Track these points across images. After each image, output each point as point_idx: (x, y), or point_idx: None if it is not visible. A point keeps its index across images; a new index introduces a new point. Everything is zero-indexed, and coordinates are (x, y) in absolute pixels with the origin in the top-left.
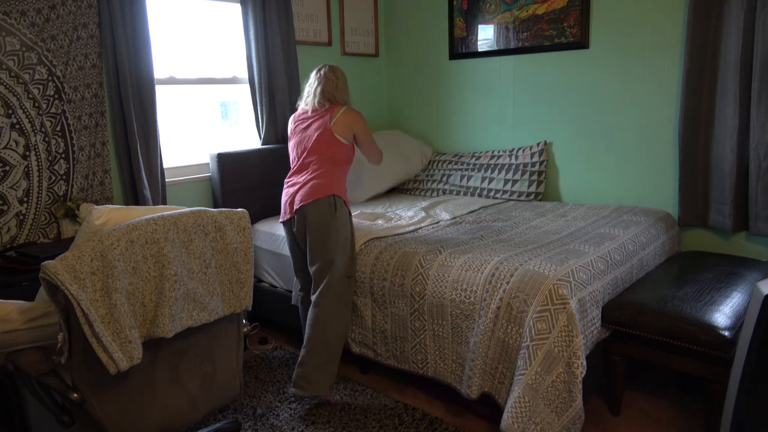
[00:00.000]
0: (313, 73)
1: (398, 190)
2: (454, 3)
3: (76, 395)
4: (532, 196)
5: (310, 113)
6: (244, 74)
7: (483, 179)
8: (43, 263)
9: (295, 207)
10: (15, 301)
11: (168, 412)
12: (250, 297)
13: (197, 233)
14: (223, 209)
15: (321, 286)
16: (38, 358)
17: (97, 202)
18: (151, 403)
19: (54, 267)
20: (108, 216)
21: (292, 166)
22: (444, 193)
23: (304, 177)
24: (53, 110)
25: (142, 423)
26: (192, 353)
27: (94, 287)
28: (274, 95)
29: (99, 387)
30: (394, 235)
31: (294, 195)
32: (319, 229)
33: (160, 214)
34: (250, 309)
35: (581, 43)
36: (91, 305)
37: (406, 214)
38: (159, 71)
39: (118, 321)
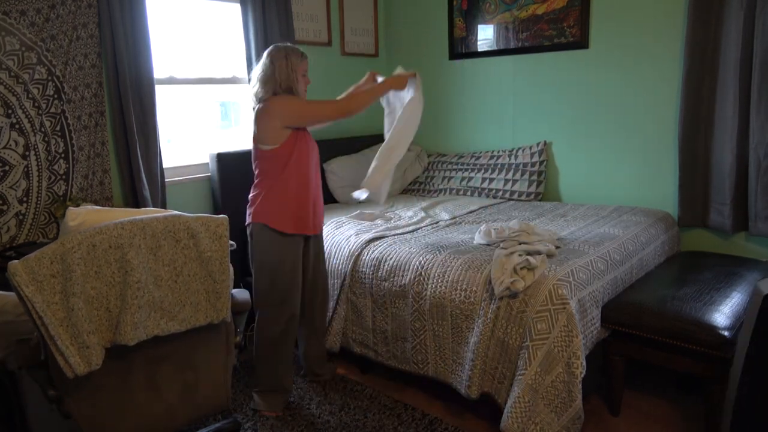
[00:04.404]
0: None
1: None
2: (454, 3)
3: (53, 392)
4: (532, 196)
5: None
6: (244, 74)
7: (483, 179)
8: (9, 262)
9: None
10: (12, 293)
11: (144, 418)
12: (227, 308)
13: (167, 239)
14: (201, 215)
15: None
16: (28, 351)
17: (96, 202)
18: (126, 408)
19: (14, 267)
20: (84, 217)
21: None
22: (444, 193)
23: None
24: (53, 110)
25: (117, 426)
26: (171, 361)
27: (53, 290)
28: None
29: (74, 387)
30: (394, 235)
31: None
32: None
33: (130, 218)
34: (229, 320)
35: (581, 43)
36: (47, 308)
37: (405, 214)
38: (159, 71)
39: (76, 325)
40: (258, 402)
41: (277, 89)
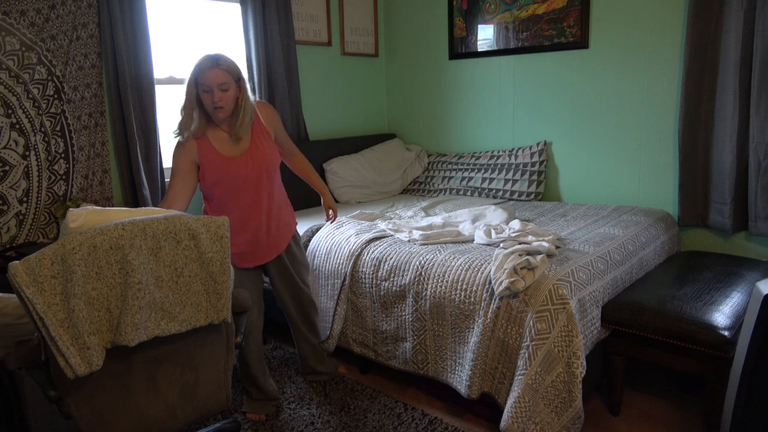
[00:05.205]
0: None
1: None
2: (454, 3)
3: (53, 392)
4: (532, 196)
5: None
6: (244, 74)
7: (483, 179)
8: (10, 263)
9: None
10: (12, 295)
11: (144, 418)
12: (228, 308)
13: (168, 240)
14: (202, 216)
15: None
16: (29, 352)
17: (96, 202)
18: (126, 408)
19: (15, 268)
20: (85, 218)
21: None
22: (444, 193)
23: None
24: (53, 110)
25: (117, 427)
26: (171, 362)
27: (54, 291)
28: (273, 95)
29: (74, 387)
30: (393, 236)
31: None
32: None
33: (131, 219)
34: (229, 320)
35: (581, 43)
36: (48, 309)
37: (405, 214)
38: (159, 71)
39: (77, 326)
40: (246, 403)
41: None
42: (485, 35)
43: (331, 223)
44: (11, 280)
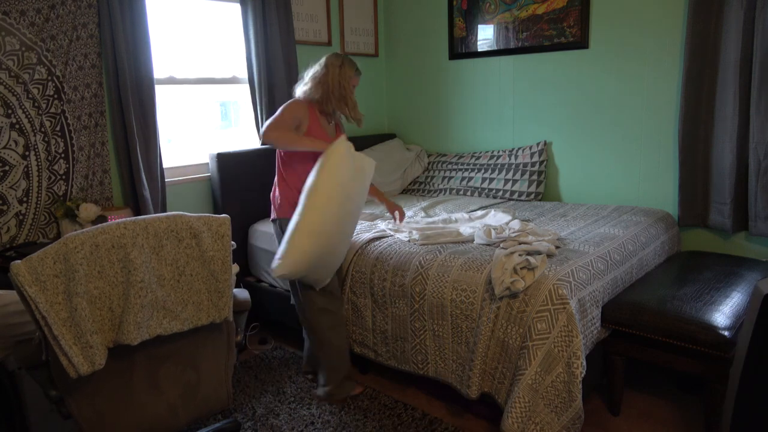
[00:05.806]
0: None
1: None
2: (454, 3)
3: (54, 392)
4: (532, 196)
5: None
6: (243, 74)
7: (483, 179)
8: (12, 262)
9: None
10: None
11: (146, 417)
12: (229, 307)
13: (170, 239)
14: (203, 215)
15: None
16: (30, 351)
17: (96, 202)
18: (128, 407)
19: (17, 267)
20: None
21: None
22: (444, 193)
23: None
24: (53, 110)
25: (119, 426)
26: (173, 360)
27: (56, 290)
28: (273, 95)
29: (75, 387)
30: (393, 236)
31: None
32: None
33: (133, 218)
34: (231, 319)
35: (581, 43)
36: (51, 308)
37: (405, 214)
38: (159, 71)
39: (79, 325)
40: (335, 393)
41: (329, 94)
42: (485, 35)
43: (401, 222)
44: (13, 279)
